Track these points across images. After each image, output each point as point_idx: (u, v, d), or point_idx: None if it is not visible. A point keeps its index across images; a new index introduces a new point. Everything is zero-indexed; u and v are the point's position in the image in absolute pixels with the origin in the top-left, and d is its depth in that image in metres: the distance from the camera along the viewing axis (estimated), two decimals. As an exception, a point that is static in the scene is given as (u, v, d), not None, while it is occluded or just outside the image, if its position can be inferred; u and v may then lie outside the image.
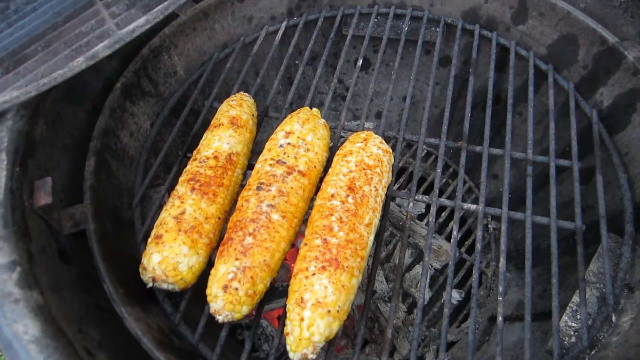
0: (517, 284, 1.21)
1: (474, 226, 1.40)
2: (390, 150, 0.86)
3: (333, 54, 1.38)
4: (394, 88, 1.06)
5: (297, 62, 1.38)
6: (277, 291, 1.13)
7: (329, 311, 0.66)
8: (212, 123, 0.91)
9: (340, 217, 0.73)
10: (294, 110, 0.94)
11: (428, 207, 1.47)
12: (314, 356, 0.66)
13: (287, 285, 1.23)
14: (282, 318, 0.78)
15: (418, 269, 1.32)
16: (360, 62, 1.12)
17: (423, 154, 1.52)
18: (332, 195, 0.76)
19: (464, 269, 1.31)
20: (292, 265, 0.83)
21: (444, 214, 1.40)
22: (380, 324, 1.22)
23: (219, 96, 1.07)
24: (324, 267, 0.68)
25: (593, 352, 0.75)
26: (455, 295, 1.28)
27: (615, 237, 0.87)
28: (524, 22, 1.14)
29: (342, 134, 1.01)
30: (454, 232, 0.86)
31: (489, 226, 1.36)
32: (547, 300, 1.03)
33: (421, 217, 1.47)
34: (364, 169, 0.79)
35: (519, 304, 1.14)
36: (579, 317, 0.79)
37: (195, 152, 0.86)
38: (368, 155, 0.81)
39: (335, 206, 0.74)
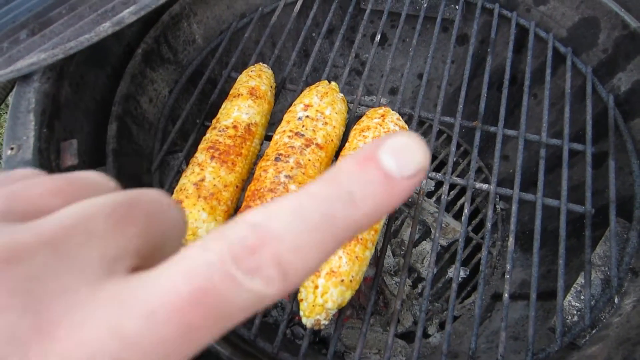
0: (521, 263, 1.23)
1: (482, 205, 1.41)
2: (407, 127, 0.87)
3: (350, 28, 1.38)
4: (410, 65, 1.06)
5: (314, 34, 1.37)
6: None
7: (342, 280, 0.68)
8: (231, 93, 0.92)
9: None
10: (310, 84, 0.94)
11: (436, 185, 1.49)
12: (326, 322, 0.69)
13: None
14: (294, 285, 0.80)
15: (424, 245, 1.34)
16: (378, 37, 1.11)
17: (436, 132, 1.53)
18: (349, 169, 0.77)
19: (470, 247, 1.33)
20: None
21: (452, 193, 1.41)
22: (385, 296, 1.25)
23: (236, 66, 1.07)
24: (339, 238, 0.70)
25: (594, 331, 0.78)
26: (460, 272, 1.31)
27: (623, 222, 0.89)
28: (545, 2, 1.13)
29: (357, 109, 1.02)
30: (465, 210, 0.87)
31: (497, 206, 1.38)
32: (551, 280, 1.05)
33: (428, 194, 1.49)
34: (381, 144, 0.81)
35: (522, 282, 1.17)
36: (582, 297, 0.82)
37: (214, 120, 0.88)
38: (385, 131, 0.82)
39: (351, 180, 0.76)
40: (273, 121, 0.96)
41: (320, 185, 0.17)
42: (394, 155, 0.17)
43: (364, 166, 0.17)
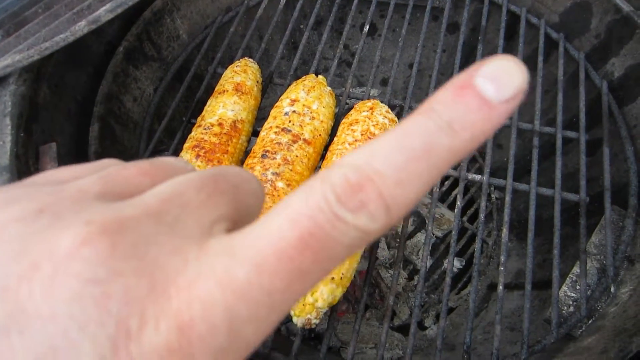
0: (517, 253, 1.22)
1: (477, 195, 1.40)
2: (397, 120, 0.85)
3: (339, 19, 1.35)
4: (400, 55, 1.04)
5: (301, 26, 1.35)
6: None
7: (333, 278, 0.67)
8: (216, 89, 0.90)
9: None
10: (298, 77, 0.92)
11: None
12: (317, 321, 0.68)
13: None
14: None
15: (419, 236, 1.33)
16: (367, 27, 1.09)
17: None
18: (337, 165, 0.76)
19: (465, 237, 1.32)
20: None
21: (446, 183, 1.40)
22: (381, 290, 1.24)
23: (222, 61, 1.05)
24: (328, 236, 0.69)
25: (590, 322, 0.77)
26: (456, 263, 1.30)
27: (619, 210, 0.87)
28: (536, -13, 1.11)
29: (347, 102, 1.00)
30: (458, 202, 0.86)
31: (492, 195, 1.37)
32: (546, 269, 1.04)
33: (424, 185, 1.47)
34: (370, 138, 0.79)
35: (518, 272, 1.16)
36: (578, 287, 0.80)
37: (199, 118, 0.86)
38: (374, 124, 0.81)
39: (340, 175, 0.74)
40: (262, 116, 0.94)
41: (417, 117, 0.17)
42: (491, 79, 0.17)
43: (461, 94, 0.17)
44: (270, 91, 1.24)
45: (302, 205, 0.15)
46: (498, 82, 0.17)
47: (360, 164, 0.16)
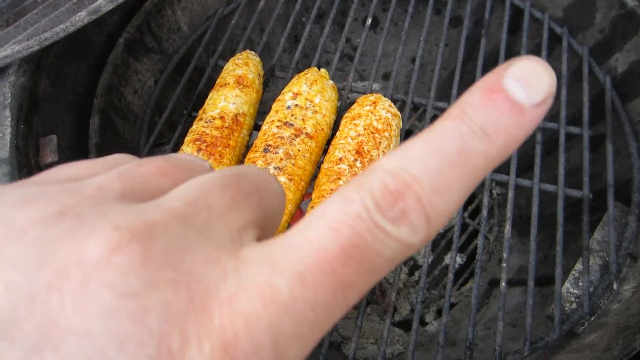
0: (518, 249, 1.22)
1: (478, 191, 1.40)
2: (399, 114, 0.85)
3: (341, 12, 1.34)
4: (403, 49, 1.03)
5: (303, 19, 1.34)
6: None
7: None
8: (217, 82, 0.89)
9: (348, 182, 0.73)
10: (300, 70, 0.91)
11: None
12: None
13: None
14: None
15: (420, 232, 1.33)
16: (369, 20, 1.08)
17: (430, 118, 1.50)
18: (340, 159, 0.75)
19: (466, 233, 1.32)
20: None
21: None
22: (382, 286, 1.24)
23: (223, 54, 1.04)
24: (330, 231, 0.68)
25: (593, 318, 0.77)
26: (457, 259, 1.30)
27: (622, 206, 0.87)
28: (540, -18, 1.10)
29: (348, 96, 1.00)
30: (461, 198, 0.85)
31: (493, 192, 1.36)
32: (548, 266, 1.04)
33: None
34: (373, 132, 0.78)
35: (519, 269, 1.16)
36: (580, 284, 0.80)
37: (200, 111, 0.85)
38: (377, 118, 0.80)
39: (343, 170, 0.74)
40: (264, 109, 0.94)
41: (449, 122, 0.16)
42: (520, 82, 0.16)
43: (491, 97, 0.16)
44: (272, 85, 1.23)
45: (341, 213, 0.15)
46: (528, 84, 0.16)
47: (397, 169, 0.15)
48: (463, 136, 0.16)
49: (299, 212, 0.81)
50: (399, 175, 0.15)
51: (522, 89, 0.16)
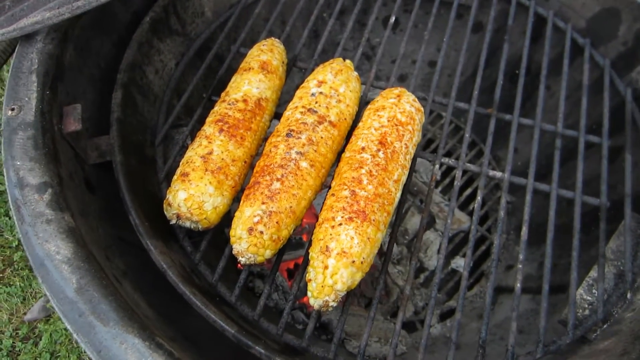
0: (526, 257, 1.21)
1: (487, 197, 1.39)
2: (422, 109, 0.85)
3: (362, 10, 1.34)
4: (422, 51, 1.03)
5: (325, 15, 1.34)
6: (290, 243, 1.13)
7: (354, 261, 0.66)
8: (241, 66, 0.89)
9: (370, 171, 0.72)
10: (319, 64, 0.91)
11: (443, 173, 1.46)
12: (335, 304, 0.66)
13: (301, 238, 1.23)
14: (301, 266, 0.78)
15: (428, 234, 1.32)
16: (392, 19, 1.08)
17: (442, 123, 1.50)
18: (363, 149, 0.75)
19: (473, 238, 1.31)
20: (304, 220, 0.82)
21: (463, 178, 1.39)
22: (387, 285, 1.23)
23: (245, 42, 1.04)
24: (351, 218, 0.68)
25: (605, 326, 0.76)
26: (461, 263, 1.29)
27: (638, 217, 0.87)
28: (565, -9, 1.10)
29: (368, 93, 0.99)
30: (478, 197, 0.85)
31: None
32: (557, 275, 1.04)
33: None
34: (396, 124, 0.78)
35: (527, 276, 1.15)
36: (594, 291, 0.80)
37: (223, 93, 0.84)
38: (401, 111, 0.80)
39: (365, 159, 0.73)
40: (283, 100, 0.93)
41: None
42: None
43: None
44: (288, 78, 1.23)
45: None
46: None
47: None
48: None
49: (310, 209, 0.79)
50: None
51: None
